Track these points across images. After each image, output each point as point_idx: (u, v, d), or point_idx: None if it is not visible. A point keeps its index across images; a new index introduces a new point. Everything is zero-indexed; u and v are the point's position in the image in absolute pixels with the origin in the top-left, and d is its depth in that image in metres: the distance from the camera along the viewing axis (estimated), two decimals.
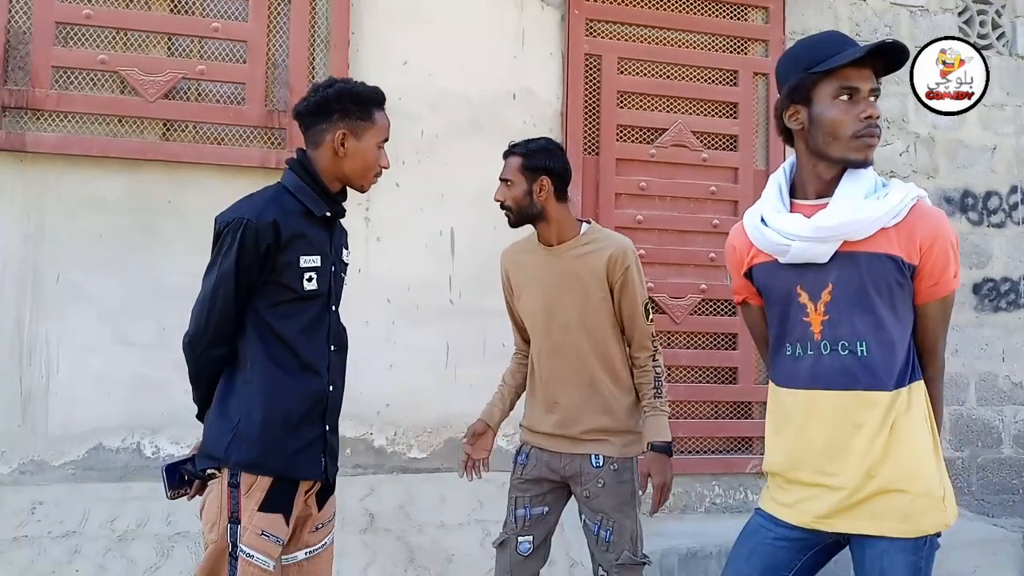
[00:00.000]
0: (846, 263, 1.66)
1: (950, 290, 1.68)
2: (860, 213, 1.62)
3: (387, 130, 2.06)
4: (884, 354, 1.65)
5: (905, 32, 4.46)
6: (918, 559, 1.61)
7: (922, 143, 4.46)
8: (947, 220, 1.70)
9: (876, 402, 1.64)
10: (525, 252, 2.52)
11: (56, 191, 3.29)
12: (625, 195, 3.96)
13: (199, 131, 3.47)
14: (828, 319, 1.68)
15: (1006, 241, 4.56)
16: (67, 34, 3.33)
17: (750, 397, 4.07)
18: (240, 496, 1.87)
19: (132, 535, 3.05)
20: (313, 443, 1.97)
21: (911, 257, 1.63)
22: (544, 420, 2.43)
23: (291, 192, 1.99)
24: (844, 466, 1.65)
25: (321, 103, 1.99)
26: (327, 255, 2.01)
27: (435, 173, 3.70)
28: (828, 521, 1.68)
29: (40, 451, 3.23)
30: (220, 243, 1.91)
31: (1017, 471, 4.51)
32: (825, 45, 1.70)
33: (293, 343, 1.93)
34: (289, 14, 3.55)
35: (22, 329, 3.24)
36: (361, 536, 3.23)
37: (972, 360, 4.45)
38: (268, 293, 1.92)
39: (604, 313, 2.39)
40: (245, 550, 1.85)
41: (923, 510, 1.62)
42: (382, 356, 3.56)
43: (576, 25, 3.91)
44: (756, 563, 1.77)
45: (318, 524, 2.07)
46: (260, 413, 1.89)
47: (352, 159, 2.00)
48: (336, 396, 2.06)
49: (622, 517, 2.37)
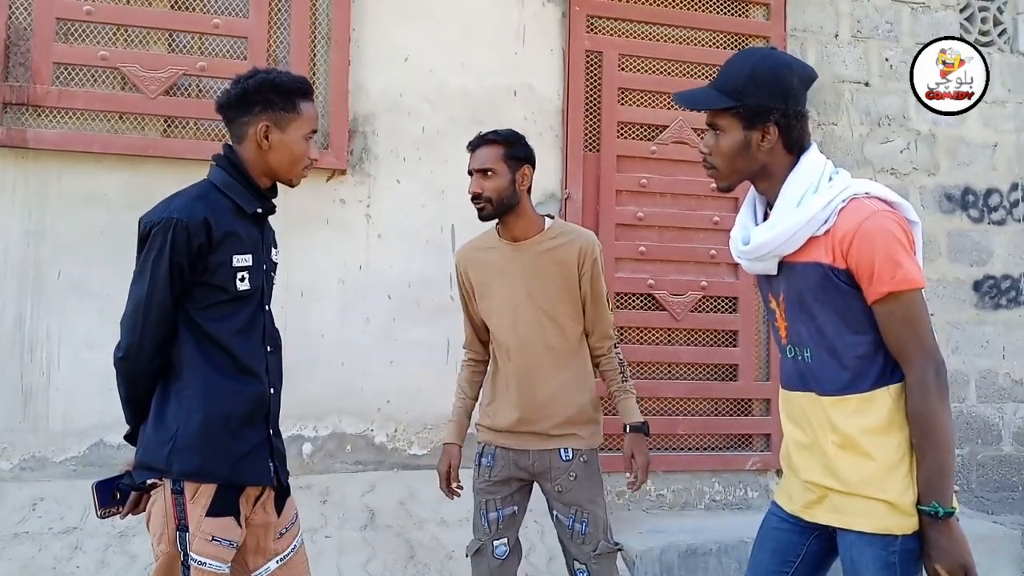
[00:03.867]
0: (789, 274, 1.70)
1: (885, 291, 1.57)
2: (771, 232, 1.66)
3: (314, 121, 1.99)
4: (825, 360, 1.66)
5: (906, 29, 4.45)
6: (888, 554, 1.59)
7: (923, 140, 4.45)
8: (883, 216, 1.59)
9: (824, 404, 1.67)
10: (486, 249, 2.50)
11: (57, 187, 3.29)
12: (626, 192, 3.96)
13: (200, 128, 3.46)
14: (788, 325, 1.74)
15: (1007, 238, 4.56)
16: (68, 30, 3.33)
17: (750, 394, 4.08)
18: (186, 502, 1.81)
19: (133, 531, 3.05)
20: (258, 447, 1.91)
21: (837, 262, 1.60)
22: (508, 417, 2.41)
23: (220, 189, 1.92)
24: (808, 461, 1.72)
25: (242, 95, 1.92)
26: (259, 253, 1.95)
27: (436, 169, 3.70)
28: (809, 511, 1.74)
29: (41, 447, 3.24)
30: (149, 245, 1.84)
31: (1017, 468, 4.51)
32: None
33: (229, 345, 1.87)
34: (290, 10, 3.54)
35: (23, 325, 3.25)
36: (361, 532, 3.23)
37: (972, 357, 4.45)
38: (199, 295, 1.85)
39: (572, 306, 2.40)
40: (196, 558, 1.80)
41: (883, 512, 1.60)
42: (383, 352, 3.55)
43: (577, 21, 3.91)
44: (767, 547, 1.84)
45: (281, 530, 2.03)
46: (200, 418, 1.83)
47: (277, 152, 1.92)
48: (276, 399, 2.00)
49: (595, 508, 2.38)
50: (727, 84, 1.70)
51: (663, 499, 3.91)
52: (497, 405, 2.47)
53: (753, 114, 1.67)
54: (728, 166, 1.73)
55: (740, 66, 1.71)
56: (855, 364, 1.63)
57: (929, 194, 4.45)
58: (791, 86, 1.69)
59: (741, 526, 3.47)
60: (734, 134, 1.70)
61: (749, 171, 1.73)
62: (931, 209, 4.44)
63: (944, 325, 4.38)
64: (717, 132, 1.72)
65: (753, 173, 1.74)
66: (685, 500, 3.97)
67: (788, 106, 1.68)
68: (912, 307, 1.59)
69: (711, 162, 1.75)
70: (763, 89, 1.67)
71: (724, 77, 1.72)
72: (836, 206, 1.61)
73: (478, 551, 2.44)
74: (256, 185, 1.95)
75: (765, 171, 1.72)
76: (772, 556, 1.82)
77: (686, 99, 1.80)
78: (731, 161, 1.72)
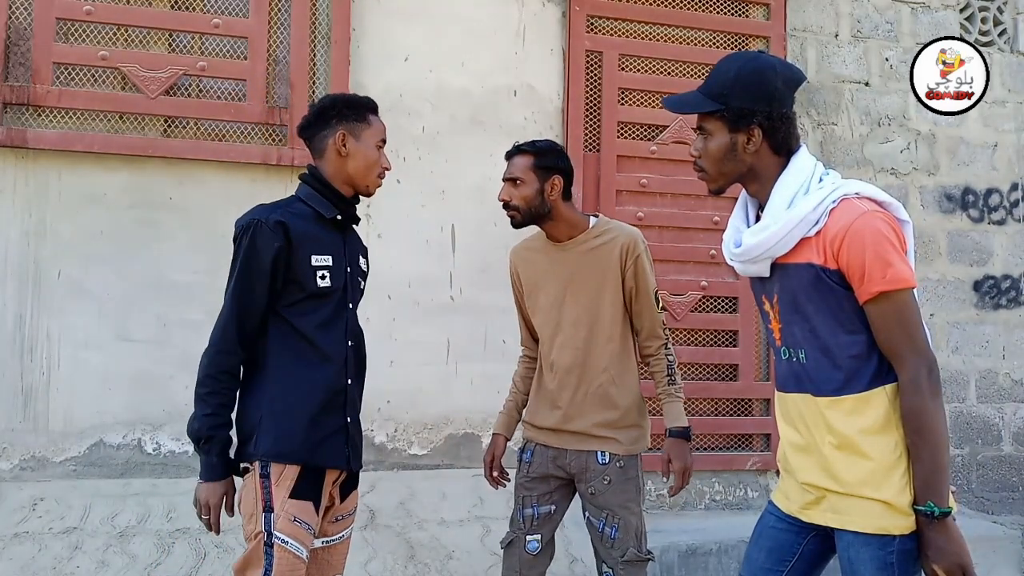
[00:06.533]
0: (783, 275, 1.72)
1: (876, 291, 1.57)
2: (763, 234, 1.68)
3: (383, 132, 2.20)
4: (820, 360, 1.67)
5: (906, 28, 4.46)
6: (886, 554, 1.60)
7: (923, 140, 4.45)
8: (873, 216, 1.60)
9: (820, 405, 1.68)
10: (534, 250, 2.53)
11: (57, 187, 3.29)
12: (626, 192, 3.96)
13: (200, 127, 3.47)
14: (782, 327, 1.75)
15: (1006, 238, 4.56)
16: (68, 30, 3.33)
17: (750, 394, 4.08)
18: (272, 485, 1.95)
19: (133, 531, 3.05)
20: (336, 433, 2.05)
21: (828, 262, 1.62)
22: (550, 415, 2.43)
23: (302, 199, 2.11)
24: (805, 463, 1.72)
25: (319, 112, 2.14)
26: (340, 256, 2.11)
27: (436, 169, 3.70)
28: (806, 512, 1.75)
29: (41, 447, 3.24)
30: (237, 246, 2.02)
31: (1017, 469, 4.51)
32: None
33: (312, 337, 2.02)
34: (290, 10, 3.54)
35: (23, 325, 3.25)
36: (362, 532, 3.23)
37: (972, 357, 4.44)
38: (285, 293, 2.01)
39: (616, 305, 2.40)
40: (280, 536, 1.92)
41: (881, 512, 1.60)
42: (383, 352, 3.55)
43: (577, 21, 3.91)
44: (763, 545, 1.85)
45: (338, 515, 2.15)
46: (283, 404, 1.98)
47: (354, 158, 2.12)
48: (354, 390, 2.13)
49: (627, 514, 2.37)
50: (713, 88, 1.74)
51: (663, 499, 3.91)
52: (539, 403, 2.50)
53: (737, 117, 1.71)
54: (716, 168, 1.77)
55: (726, 70, 1.75)
56: (850, 364, 1.64)
57: (929, 194, 4.45)
58: (775, 88, 1.72)
59: (741, 526, 3.47)
60: (720, 137, 1.74)
61: (737, 173, 1.76)
62: (931, 209, 4.45)
63: (944, 325, 4.38)
64: (705, 135, 1.77)
65: (742, 175, 1.76)
66: (685, 500, 3.97)
67: (772, 108, 1.70)
68: (903, 307, 1.59)
69: (700, 165, 1.80)
70: (747, 92, 1.70)
71: (711, 81, 1.77)
72: (827, 207, 1.63)
73: (511, 543, 2.47)
74: (338, 193, 2.13)
75: (753, 173, 1.75)
76: (768, 555, 1.83)
77: (674, 103, 1.85)
78: (719, 164, 1.76)
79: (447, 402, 3.67)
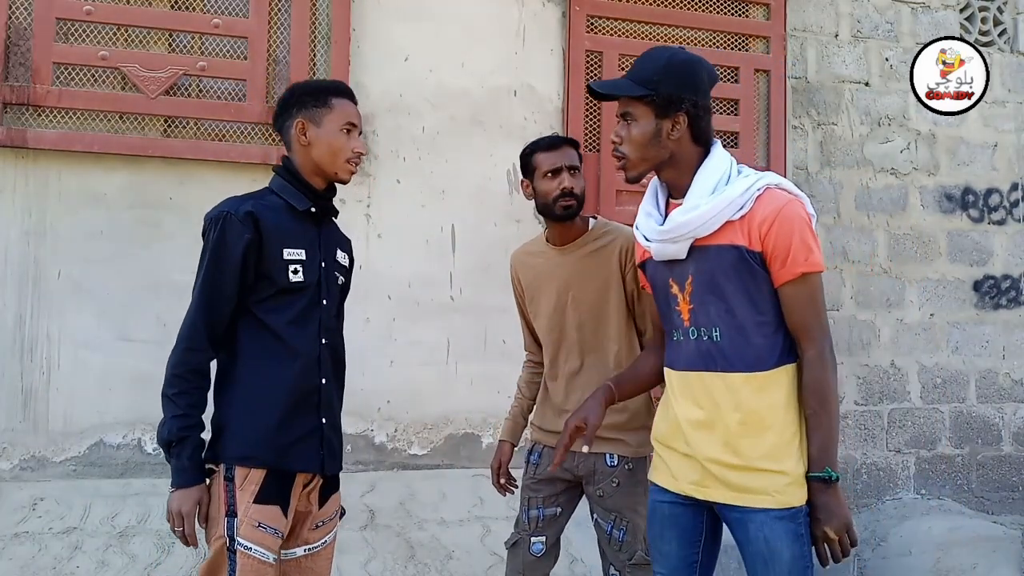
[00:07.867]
0: (700, 257, 1.78)
1: (799, 272, 1.70)
2: (694, 213, 1.73)
3: (351, 115, 2.07)
4: (735, 339, 1.75)
5: (906, 28, 4.46)
6: (796, 525, 1.69)
7: (923, 140, 4.45)
8: (797, 204, 1.73)
9: (731, 383, 1.75)
10: (534, 254, 2.52)
11: (57, 187, 3.29)
12: (626, 191, 3.96)
13: (200, 127, 3.47)
14: (692, 308, 1.81)
15: (1006, 238, 4.56)
16: (68, 30, 3.33)
17: None
18: (235, 489, 1.87)
19: (133, 531, 3.05)
20: (308, 436, 1.96)
21: (753, 244, 1.71)
22: (557, 419, 2.41)
23: (273, 191, 2.05)
24: (707, 438, 1.78)
25: (281, 103, 2.07)
26: (315, 249, 2.02)
27: (436, 169, 3.70)
28: (703, 489, 1.79)
29: (41, 447, 3.24)
30: (205, 240, 1.96)
31: (1017, 468, 4.51)
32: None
33: (282, 334, 1.94)
34: (290, 10, 3.54)
35: (23, 325, 3.25)
36: (361, 532, 3.24)
37: (972, 357, 4.45)
38: (256, 288, 1.94)
39: (620, 308, 2.39)
40: (243, 543, 1.85)
41: (785, 485, 1.69)
42: (383, 352, 3.56)
43: (577, 21, 3.91)
44: (670, 535, 1.89)
45: (318, 522, 2.07)
46: (250, 405, 1.91)
47: (317, 146, 2.02)
48: (330, 389, 2.03)
49: (635, 517, 2.35)
50: (642, 74, 1.79)
51: None
52: (546, 406, 2.49)
53: (666, 103, 1.77)
54: (639, 154, 1.81)
55: (655, 59, 1.80)
56: (761, 343, 1.74)
57: (929, 194, 4.45)
58: (701, 80, 1.80)
59: None
60: (646, 123, 1.79)
61: (658, 159, 1.81)
62: (931, 209, 4.45)
63: (944, 325, 4.39)
64: (629, 121, 1.81)
65: (662, 162, 1.82)
66: None
67: (698, 98, 1.79)
68: (817, 288, 1.74)
69: (621, 151, 1.83)
70: (676, 80, 1.77)
71: (639, 68, 1.81)
72: (752, 193, 1.72)
73: (515, 544, 2.46)
74: (310, 185, 2.06)
75: (673, 160, 1.81)
76: (679, 544, 1.87)
77: (604, 86, 1.88)
78: (642, 149, 1.80)
79: (447, 402, 3.67)
